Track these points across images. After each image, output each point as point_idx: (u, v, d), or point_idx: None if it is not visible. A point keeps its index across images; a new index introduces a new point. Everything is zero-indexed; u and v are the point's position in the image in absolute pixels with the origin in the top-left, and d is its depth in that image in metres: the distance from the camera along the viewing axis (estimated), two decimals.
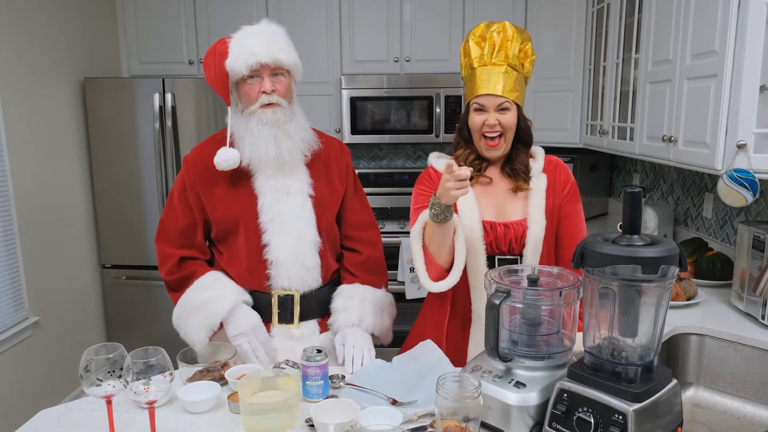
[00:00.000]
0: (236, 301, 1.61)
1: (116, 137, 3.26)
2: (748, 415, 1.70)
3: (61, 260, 3.10)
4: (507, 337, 1.26)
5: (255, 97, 1.56)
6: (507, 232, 1.56)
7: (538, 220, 1.55)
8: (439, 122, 3.42)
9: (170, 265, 1.66)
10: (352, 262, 1.77)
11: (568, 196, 1.61)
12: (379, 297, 1.74)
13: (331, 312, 1.70)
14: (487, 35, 1.52)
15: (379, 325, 1.71)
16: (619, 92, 2.72)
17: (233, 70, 1.53)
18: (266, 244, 1.62)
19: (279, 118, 1.57)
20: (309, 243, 1.65)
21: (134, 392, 1.10)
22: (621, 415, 1.04)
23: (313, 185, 1.67)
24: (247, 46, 1.52)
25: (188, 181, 1.65)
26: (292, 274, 1.63)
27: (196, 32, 3.52)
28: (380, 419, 1.21)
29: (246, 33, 1.56)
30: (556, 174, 1.61)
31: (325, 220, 1.69)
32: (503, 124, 1.52)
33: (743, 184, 1.74)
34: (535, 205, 1.56)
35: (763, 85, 1.72)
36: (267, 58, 1.52)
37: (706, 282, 2.19)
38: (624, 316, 1.09)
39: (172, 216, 1.68)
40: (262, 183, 1.62)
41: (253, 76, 1.54)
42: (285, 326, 1.67)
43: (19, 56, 2.77)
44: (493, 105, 1.51)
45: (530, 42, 1.56)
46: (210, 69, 1.58)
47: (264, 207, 1.62)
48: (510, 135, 1.55)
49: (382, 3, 3.45)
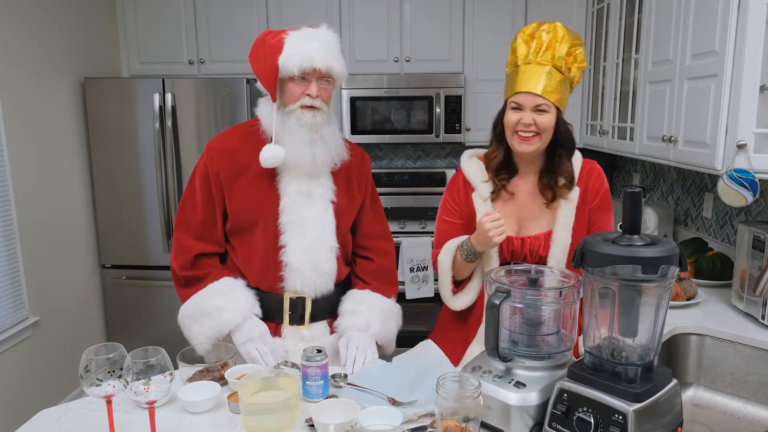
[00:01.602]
0: (247, 314, 1.60)
1: (116, 137, 3.26)
2: (748, 415, 1.70)
3: (61, 260, 3.10)
4: (507, 337, 1.26)
5: (297, 97, 1.55)
6: (523, 246, 1.54)
7: (563, 240, 1.52)
8: (439, 122, 3.42)
9: (185, 259, 1.63)
10: (365, 269, 1.76)
11: (598, 207, 1.57)
12: (388, 306, 1.73)
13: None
14: (536, 34, 1.50)
15: (385, 333, 1.69)
16: (619, 92, 2.72)
17: (285, 68, 1.51)
18: (283, 245, 1.61)
19: (318, 122, 1.56)
20: (326, 248, 1.64)
21: (134, 392, 1.10)
22: (621, 415, 1.04)
23: (336, 192, 1.66)
24: (305, 49, 1.51)
25: (212, 169, 1.62)
26: (306, 278, 1.62)
27: (196, 32, 3.52)
28: (380, 419, 1.21)
29: (305, 34, 1.55)
30: (589, 184, 1.57)
31: (343, 227, 1.69)
32: (539, 125, 1.47)
33: (743, 184, 1.74)
34: (562, 221, 1.53)
35: (763, 85, 1.72)
36: (322, 65, 1.52)
37: (706, 282, 2.19)
38: (624, 316, 1.09)
39: (192, 203, 1.65)
40: (287, 184, 1.61)
41: (302, 78, 1.53)
42: (296, 327, 1.66)
43: (19, 56, 2.77)
44: (531, 104, 1.47)
45: (582, 47, 1.50)
46: (259, 60, 1.55)
47: (285, 208, 1.61)
48: (546, 137, 1.50)
49: (382, 3, 3.45)
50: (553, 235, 1.53)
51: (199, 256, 1.65)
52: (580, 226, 1.55)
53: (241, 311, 1.59)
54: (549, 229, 1.55)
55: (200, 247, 1.64)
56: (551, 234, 1.54)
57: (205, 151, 1.65)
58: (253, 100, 3.26)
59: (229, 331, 1.58)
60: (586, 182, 1.57)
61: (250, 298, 1.62)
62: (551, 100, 1.46)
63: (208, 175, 1.62)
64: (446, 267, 1.58)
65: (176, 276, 1.67)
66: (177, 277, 1.67)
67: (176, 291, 1.69)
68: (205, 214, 1.64)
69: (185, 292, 1.65)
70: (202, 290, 1.62)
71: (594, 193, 1.57)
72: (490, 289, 1.25)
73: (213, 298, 1.60)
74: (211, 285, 1.62)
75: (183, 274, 1.64)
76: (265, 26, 3.48)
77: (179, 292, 1.67)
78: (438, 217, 1.68)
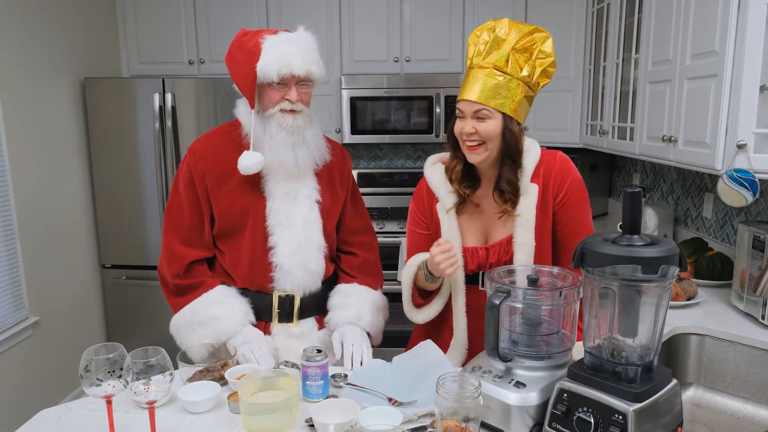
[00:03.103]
0: (244, 321, 1.60)
1: (116, 137, 3.26)
2: (748, 415, 1.70)
3: (61, 260, 3.10)
4: (507, 337, 1.26)
5: (277, 101, 1.54)
6: (488, 255, 1.50)
7: (525, 242, 1.44)
8: (439, 122, 3.42)
9: (179, 268, 1.62)
10: (350, 264, 1.78)
11: (565, 201, 1.47)
12: (376, 298, 1.76)
13: (328, 310, 1.71)
14: (480, 34, 1.42)
15: (375, 324, 1.72)
16: (619, 92, 2.72)
17: (264, 74, 1.50)
18: (272, 246, 1.61)
19: (299, 125, 1.56)
20: (314, 248, 1.65)
21: (134, 392, 1.10)
22: (621, 415, 1.04)
23: (320, 191, 1.67)
24: (284, 54, 1.49)
25: (196, 173, 1.61)
26: (296, 278, 1.63)
27: (196, 32, 3.52)
28: (380, 419, 1.21)
29: (283, 39, 1.52)
30: (550, 179, 1.47)
31: (329, 225, 1.70)
32: (481, 133, 1.39)
33: (743, 184, 1.74)
34: (520, 228, 1.45)
35: (763, 85, 1.72)
36: (301, 71, 1.51)
37: (706, 282, 2.19)
38: (624, 316, 1.09)
39: (178, 208, 1.64)
40: (273, 186, 1.61)
41: (280, 83, 1.52)
42: (285, 325, 1.67)
43: (19, 56, 2.77)
44: (470, 111, 1.39)
45: (543, 40, 1.39)
46: (237, 65, 1.54)
47: (273, 210, 1.61)
48: (492, 145, 1.41)
49: (382, 3, 3.45)
50: (514, 239, 1.46)
51: (192, 264, 1.64)
52: (543, 226, 1.46)
53: (238, 319, 1.60)
54: (510, 234, 1.48)
55: (191, 254, 1.63)
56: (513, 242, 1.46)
57: (187, 154, 1.63)
58: None
59: (227, 339, 1.58)
60: (547, 176, 1.46)
61: (245, 306, 1.63)
62: (490, 106, 1.37)
63: (193, 178, 1.61)
64: (407, 284, 1.55)
65: (166, 284, 1.65)
66: (168, 285, 1.65)
67: (166, 299, 1.67)
68: (193, 219, 1.63)
69: (178, 301, 1.63)
70: (197, 300, 1.61)
71: (557, 186, 1.46)
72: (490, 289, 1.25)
73: (209, 307, 1.60)
74: (206, 294, 1.62)
75: (175, 282, 1.63)
76: (265, 26, 3.48)
77: (170, 301, 1.65)
78: (408, 227, 1.64)
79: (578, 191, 1.49)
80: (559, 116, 3.30)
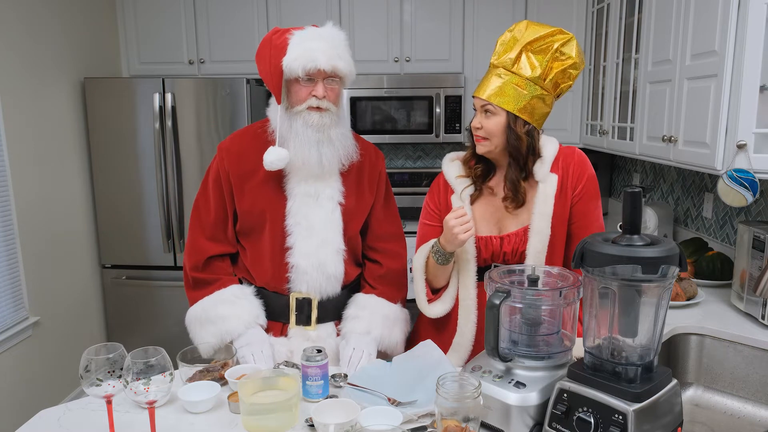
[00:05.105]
0: (250, 324, 1.60)
1: (116, 137, 3.26)
2: (748, 415, 1.70)
3: (61, 260, 3.10)
4: (507, 337, 1.26)
5: (304, 98, 1.53)
6: (503, 244, 1.52)
7: (541, 230, 1.47)
8: (439, 122, 3.42)
9: (197, 261, 1.64)
10: (373, 274, 1.73)
11: (582, 195, 1.50)
12: (393, 311, 1.70)
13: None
14: (504, 34, 1.47)
15: (388, 339, 1.67)
16: (619, 92, 2.72)
17: (289, 69, 1.49)
18: (290, 247, 1.60)
19: (325, 123, 1.55)
20: (333, 251, 1.62)
21: (134, 392, 1.10)
22: (621, 415, 1.04)
23: (344, 193, 1.64)
24: (309, 49, 1.48)
25: (222, 170, 1.62)
26: (312, 280, 1.61)
27: (196, 32, 3.52)
28: (380, 419, 1.21)
29: (309, 34, 1.52)
30: (568, 172, 1.50)
31: (352, 229, 1.67)
32: (485, 129, 1.47)
33: (743, 184, 1.74)
34: (538, 213, 1.48)
35: (763, 85, 1.72)
36: (326, 66, 1.49)
37: (706, 282, 2.19)
38: (624, 316, 1.09)
39: (205, 204, 1.66)
40: (294, 185, 1.60)
41: (307, 79, 1.51)
42: (302, 328, 1.65)
43: (19, 56, 2.77)
44: (479, 107, 1.48)
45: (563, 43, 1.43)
46: (264, 62, 1.54)
47: (292, 210, 1.60)
48: (495, 140, 1.47)
49: (382, 3, 3.45)
50: (530, 226, 1.48)
51: (211, 258, 1.65)
52: (561, 216, 1.49)
53: (244, 321, 1.59)
54: (525, 225, 1.51)
55: (213, 249, 1.65)
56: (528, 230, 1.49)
57: (217, 151, 1.66)
58: (253, 100, 3.26)
59: (231, 339, 1.59)
60: (566, 169, 1.51)
61: (255, 309, 1.62)
62: (495, 102, 1.44)
63: (220, 175, 1.63)
64: (419, 269, 1.56)
65: (186, 276, 1.68)
66: (187, 276, 1.67)
67: (185, 291, 1.69)
68: (218, 215, 1.65)
69: (193, 294, 1.66)
70: (208, 297, 1.62)
71: (576, 179, 1.50)
72: (490, 289, 1.25)
73: (218, 306, 1.60)
74: (218, 292, 1.62)
75: (193, 275, 1.65)
76: (265, 26, 3.49)
77: (188, 293, 1.68)
78: (420, 222, 1.66)
79: (594, 187, 1.53)
80: (559, 116, 3.30)
